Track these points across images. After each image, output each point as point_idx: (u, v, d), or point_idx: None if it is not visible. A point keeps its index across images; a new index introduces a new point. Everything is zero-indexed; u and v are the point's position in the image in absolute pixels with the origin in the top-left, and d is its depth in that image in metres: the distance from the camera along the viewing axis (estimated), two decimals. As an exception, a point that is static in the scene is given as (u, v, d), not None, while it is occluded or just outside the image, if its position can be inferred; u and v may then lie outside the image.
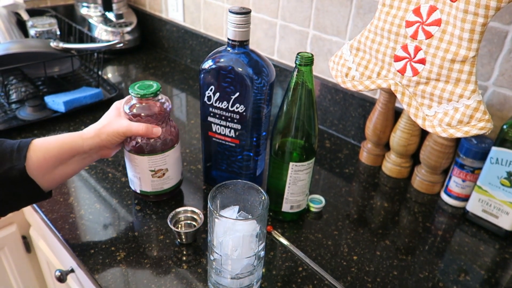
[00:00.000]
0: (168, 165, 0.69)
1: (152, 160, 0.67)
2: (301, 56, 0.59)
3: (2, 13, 1.17)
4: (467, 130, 0.47)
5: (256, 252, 0.54)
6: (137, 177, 0.70)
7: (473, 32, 0.44)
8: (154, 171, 0.68)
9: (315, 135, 0.66)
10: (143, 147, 0.66)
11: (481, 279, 0.64)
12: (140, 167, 0.68)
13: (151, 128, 0.63)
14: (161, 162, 0.68)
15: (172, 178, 0.71)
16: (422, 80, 0.50)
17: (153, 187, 0.71)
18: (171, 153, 0.68)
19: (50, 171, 0.57)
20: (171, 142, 0.68)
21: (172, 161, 0.69)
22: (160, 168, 0.68)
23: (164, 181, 0.70)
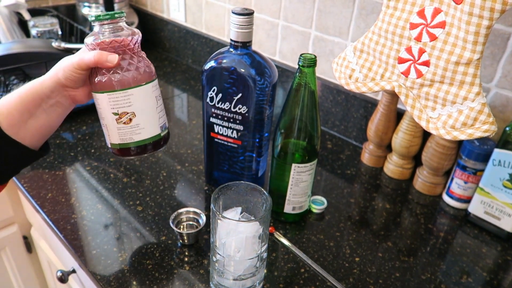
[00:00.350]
0: (134, 108, 0.56)
1: (112, 99, 0.55)
2: (304, 58, 0.59)
3: (3, 13, 1.17)
4: (471, 132, 0.47)
5: (259, 254, 0.54)
6: (104, 125, 0.59)
7: (478, 34, 0.44)
8: (118, 114, 0.56)
9: (318, 136, 0.66)
10: (103, 83, 0.55)
11: (483, 281, 0.64)
12: (102, 109, 0.57)
13: (105, 55, 0.52)
14: (124, 102, 0.55)
15: (143, 127, 0.57)
16: (426, 82, 0.50)
17: (121, 137, 0.58)
18: (137, 92, 0.56)
19: (21, 126, 0.53)
20: (138, 79, 0.55)
21: (141, 103, 0.56)
22: (124, 111, 0.56)
23: (132, 130, 0.57)
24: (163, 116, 0.61)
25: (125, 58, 0.55)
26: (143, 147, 0.59)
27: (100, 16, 0.54)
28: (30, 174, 0.80)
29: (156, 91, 0.59)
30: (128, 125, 0.57)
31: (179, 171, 0.84)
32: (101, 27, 0.55)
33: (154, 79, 0.58)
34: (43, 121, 0.55)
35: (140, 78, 0.56)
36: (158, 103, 0.59)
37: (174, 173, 0.83)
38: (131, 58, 0.56)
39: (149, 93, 0.57)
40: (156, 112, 0.59)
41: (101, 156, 0.86)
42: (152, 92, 0.58)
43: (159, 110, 0.59)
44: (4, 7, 1.17)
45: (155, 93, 0.58)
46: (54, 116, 0.56)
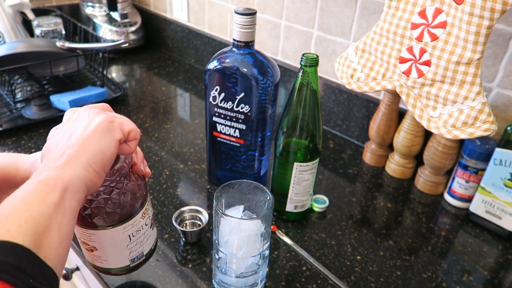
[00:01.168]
0: (96, 245, 0.47)
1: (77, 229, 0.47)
2: (306, 57, 0.60)
3: (8, 13, 1.17)
4: (471, 131, 0.48)
5: (261, 251, 0.54)
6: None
7: (478, 34, 0.44)
8: (81, 240, 0.49)
9: (320, 135, 0.66)
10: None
11: (484, 279, 0.64)
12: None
13: None
14: (86, 236, 0.47)
15: (105, 259, 0.49)
16: (427, 81, 0.50)
17: (87, 258, 0.52)
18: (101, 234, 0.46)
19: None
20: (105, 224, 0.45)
21: (105, 243, 0.47)
22: (85, 242, 0.48)
23: (95, 258, 0.50)
24: (139, 248, 0.50)
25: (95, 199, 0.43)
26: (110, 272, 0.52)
27: None
28: (35, 172, 0.80)
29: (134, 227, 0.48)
30: (91, 253, 0.49)
31: (181, 170, 0.84)
32: None
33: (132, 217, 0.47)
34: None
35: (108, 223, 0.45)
36: (133, 239, 0.48)
37: (177, 172, 0.83)
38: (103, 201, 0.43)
39: (119, 235, 0.47)
40: (127, 249, 0.49)
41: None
42: (122, 233, 0.47)
43: (131, 246, 0.49)
44: (8, 6, 1.18)
45: (130, 231, 0.47)
46: None
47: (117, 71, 1.31)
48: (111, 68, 1.31)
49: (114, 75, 1.28)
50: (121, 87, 1.12)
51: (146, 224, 0.50)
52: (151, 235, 0.52)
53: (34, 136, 0.91)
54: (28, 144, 0.89)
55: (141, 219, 0.48)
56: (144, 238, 0.50)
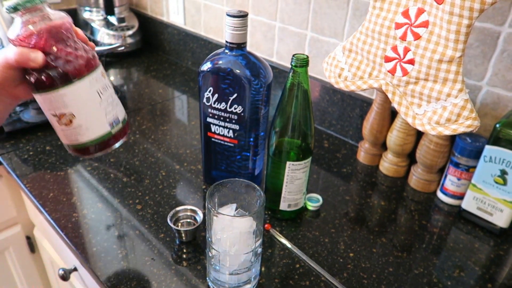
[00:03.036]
0: (71, 109, 0.49)
1: (46, 100, 0.49)
2: (297, 58, 0.61)
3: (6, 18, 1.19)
4: (455, 128, 0.49)
5: (253, 249, 0.55)
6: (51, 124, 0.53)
7: (458, 33, 0.46)
8: (56, 116, 0.50)
9: (312, 134, 0.67)
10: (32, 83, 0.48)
11: (476, 275, 0.65)
12: (42, 109, 0.51)
13: (26, 54, 0.46)
14: (59, 103, 0.48)
15: (86, 128, 0.50)
16: (411, 80, 0.52)
17: (68, 139, 0.52)
18: (70, 91, 0.48)
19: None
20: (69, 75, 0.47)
21: (79, 102, 0.49)
22: (61, 112, 0.49)
23: (76, 131, 0.50)
24: (112, 110, 0.53)
25: (52, 52, 0.47)
26: (94, 147, 0.52)
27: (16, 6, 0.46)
28: (33, 175, 0.82)
29: (98, 84, 0.50)
30: (70, 127, 0.50)
31: (178, 170, 0.85)
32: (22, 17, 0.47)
33: (92, 71, 0.49)
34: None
35: (72, 73, 0.48)
36: (102, 97, 0.51)
37: (173, 172, 0.85)
38: (59, 51, 0.47)
39: (87, 89, 0.49)
40: (101, 109, 0.51)
41: (101, 157, 0.88)
42: (90, 87, 0.49)
43: (104, 105, 0.51)
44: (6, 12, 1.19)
45: (95, 86, 0.50)
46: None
47: (115, 74, 1.32)
48: (109, 72, 1.33)
49: (112, 78, 1.29)
50: (119, 90, 1.13)
51: (109, 86, 0.52)
52: (119, 104, 0.55)
53: (32, 139, 0.93)
54: (26, 147, 0.90)
55: (102, 77, 0.51)
56: (114, 100, 0.53)
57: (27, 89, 0.50)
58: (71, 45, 0.48)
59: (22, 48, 0.46)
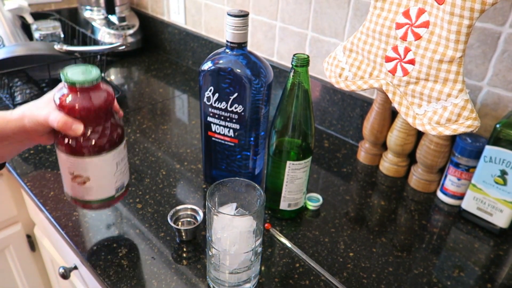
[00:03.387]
0: (90, 174, 0.55)
1: (70, 160, 0.54)
2: (297, 58, 0.61)
3: (7, 17, 1.19)
4: (455, 128, 0.49)
5: (253, 248, 0.55)
6: (62, 175, 0.58)
7: (459, 33, 0.46)
8: (73, 174, 0.55)
9: (312, 134, 0.67)
10: (64, 144, 0.53)
11: (475, 275, 0.65)
12: (60, 163, 0.56)
13: (69, 123, 0.50)
14: (81, 167, 0.54)
15: (95, 191, 0.57)
16: (412, 80, 0.52)
17: (74, 193, 0.58)
18: (96, 161, 0.54)
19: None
20: (100, 148, 0.53)
21: (99, 171, 0.55)
22: (79, 174, 0.55)
23: (86, 190, 0.57)
24: (122, 178, 0.59)
25: (91, 125, 0.52)
26: (94, 205, 0.59)
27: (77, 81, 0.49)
28: (33, 173, 0.82)
29: (119, 155, 0.56)
30: (82, 186, 0.55)
31: (178, 170, 0.85)
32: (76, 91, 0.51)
33: (118, 145, 0.55)
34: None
35: (102, 147, 0.53)
36: (118, 168, 0.57)
37: (173, 172, 0.85)
38: (97, 125, 0.52)
39: (109, 161, 0.55)
40: (114, 177, 0.57)
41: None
42: (113, 159, 0.55)
43: (117, 174, 0.57)
44: (7, 11, 1.19)
45: (117, 158, 0.56)
46: (11, 150, 0.55)
47: (116, 74, 1.32)
48: (110, 71, 1.33)
49: (113, 78, 1.29)
50: (120, 89, 1.13)
51: (126, 156, 0.58)
52: (128, 171, 0.61)
53: (33, 138, 0.93)
54: (27, 146, 0.90)
55: (123, 149, 0.57)
56: (125, 169, 0.60)
57: (50, 140, 0.55)
58: (108, 121, 0.54)
59: (66, 117, 0.50)
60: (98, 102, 0.51)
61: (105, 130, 0.53)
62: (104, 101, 0.52)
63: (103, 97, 0.52)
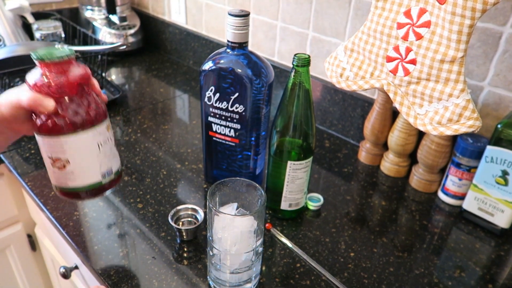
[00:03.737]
0: (68, 155, 0.51)
1: (46, 143, 0.51)
2: (298, 57, 0.61)
3: (8, 17, 1.19)
4: (456, 128, 0.49)
5: (254, 248, 0.55)
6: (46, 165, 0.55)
7: (460, 33, 0.46)
8: (52, 159, 0.52)
9: (313, 134, 0.67)
10: (38, 126, 0.51)
11: (476, 275, 0.65)
12: (40, 149, 0.53)
13: (39, 100, 0.48)
14: (58, 149, 0.51)
15: (78, 175, 0.53)
16: (413, 80, 0.52)
17: (57, 181, 0.54)
18: (72, 140, 0.50)
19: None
20: (76, 125, 0.50)
21: (77, 151, 0.51)
22: (58, 157, 0.51)
23: (67, 176, 0.53)
24: (108, 162, 0.55)
25: (64, 102, 0.49)
26: (81, 193, 0.55)
27: (43, 57, 0.48)
28: (34, 173, 0.82)
29: (100, 137, 0.53)
30: (62, 171, 0.52)
31: (179, 169, 0.85)
32: (45, 67, 0.49)
33: (97, 125, 0.52)
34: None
35: (78, 124, 0.50)
36: (101, 149, 0.53)
37: (174, 171, 0.85)
38: (71, 102, 0.50)
39: (88, 141, 0.52)
40: (97, 160, 0.53)
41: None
42: (92, 139, 0.52)
43: (101, 157, 0.53)
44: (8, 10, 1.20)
45: (97, 139, 0.52)
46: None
47: (116, 74, 1.32)
48: (110, 71, 1.33)
49: (113, 77, 1.29)
50: (120, 89, 1.13)
51: (111, 139, 0.54)
52: (116, 156, 0.57)
53: (33, 138, 0.93)
54: (28, 146, 0.90)
55: (106, 131, 0.54)
56: (111, 153, 0.55)
57: (30, 127, 0.52)
58: (84, 98, 0.51)
59: (35, 94, 0.48)
60: (70, 78, 0.49)
61: (80, 107, 0.50)
62: (77, 77, 0.50)
63: (76, 73, 0.50)
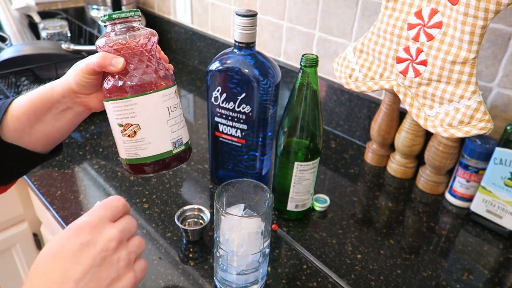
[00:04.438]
0: (139, 119, 0.49)
1: (116, 108, 0.49)
2: (306, 58, 0.60)
3: (14, 16, 1.20)
4: (467, 130, 0.48)
5: (261, 249, 0.55)
6: (115, 139, 0.53)
7: (473, 34, 0.45)
8: (122, 126, 0.50)
9: (320, 135, 0.67)
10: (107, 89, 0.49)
11: (485, 278, 0.64)
12: (109, 119, 0.51)
13: (109, 59, 0.47)
14: (128, 112, 0.49)
15: (149, 141, 0.50)
16: (423, 81, 0.51)
17: (127, 152, 0.51)
18: (142, 101, 0.48)
19: (26, 131, 0.51)
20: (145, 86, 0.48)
21: (147, 114, 0.49)
22: (128, 122, 0.49)
23: (137, 144, 0.50)
24: (178, 130, 0.52)
25: (133, 63, 0.49)
26: (150, 165, 0.51)
27: (112, 15, 0.48)
28: (40, 172, 0.82)
29: (170, 101, 0.51)
30: (133, 139, 0.50)
31: (184, 170, 0.85)
32: (113, 27, 0.49)
33: (167, 87, 0.50)
34: (50, 126, 0.52)
35: (147, 85, 0.49)
36: (171, 114, 0.51)
37: (180, 171, 0.84)
38: (140, 63, 0.49)
39: (158, 103, 0.50)
40: (167, 126, 0.51)
41: (109, 155, 0.88)
42: (162, 101, 0.50)
43: (172, 123, 0.51)
44: (15, 10, 1.20)
45: (167, 102, 0.50)
46: (64, 122, 0.53)
47: (122, 73, 1.32)
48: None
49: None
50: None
51: (180, 107, 0.53)
52: (185, 127, 0.54)
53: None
54: (34, 145, 0.90)
55: (175, 97, 0.52)
56: (181, 121, 0.53)
57: (100, 99, 0.52)
58: (151, 60, 0.50)
59: (105, 53, 0.48)
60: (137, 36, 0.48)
61: (149, 68, 0.49)
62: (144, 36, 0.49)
63: (144, 34, 0.49)
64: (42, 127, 0.51)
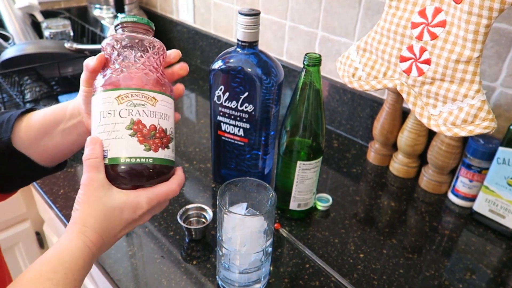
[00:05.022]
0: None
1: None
2: (309, 57, 0.60)
3: (17, 15, 1.20)
4: (471, 129, 0.48)
5: (264, 248, 0.55)
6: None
7: (477, 33, 0.45)
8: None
9: (323, 134, 0.67)
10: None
11: (488, 278, 0.64)
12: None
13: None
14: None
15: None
16: (427, 80, 0.51)
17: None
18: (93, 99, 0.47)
19: (34, 143, 0.51)
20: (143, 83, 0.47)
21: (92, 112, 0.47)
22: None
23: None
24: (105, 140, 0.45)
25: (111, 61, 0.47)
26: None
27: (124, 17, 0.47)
28: (43, 171, 0.82)
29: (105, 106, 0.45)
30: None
31: (187, 169, 0.85)
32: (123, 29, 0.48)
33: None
34: (56, 143, 0.52)
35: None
36: (101, 120, 0.46)
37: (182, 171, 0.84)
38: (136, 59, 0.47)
39: (96, 104, 0.46)
40: (96, 129, 0.46)
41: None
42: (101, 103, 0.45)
43: (100, 130, 0.45)
44: (18, 9, 1.20)
45: (101, 106, 0.45)
46: (69, 140, 0.53)
47: (124, 72, 1.32)
48: (118, 69, 1.33)
49: (121, 76, 1.29)
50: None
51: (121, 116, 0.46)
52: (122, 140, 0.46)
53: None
54: (37, 144, 0.90)
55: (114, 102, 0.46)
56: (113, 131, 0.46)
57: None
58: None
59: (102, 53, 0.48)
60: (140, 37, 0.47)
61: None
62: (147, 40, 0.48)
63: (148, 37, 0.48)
64: (48, 141, 0.52)
